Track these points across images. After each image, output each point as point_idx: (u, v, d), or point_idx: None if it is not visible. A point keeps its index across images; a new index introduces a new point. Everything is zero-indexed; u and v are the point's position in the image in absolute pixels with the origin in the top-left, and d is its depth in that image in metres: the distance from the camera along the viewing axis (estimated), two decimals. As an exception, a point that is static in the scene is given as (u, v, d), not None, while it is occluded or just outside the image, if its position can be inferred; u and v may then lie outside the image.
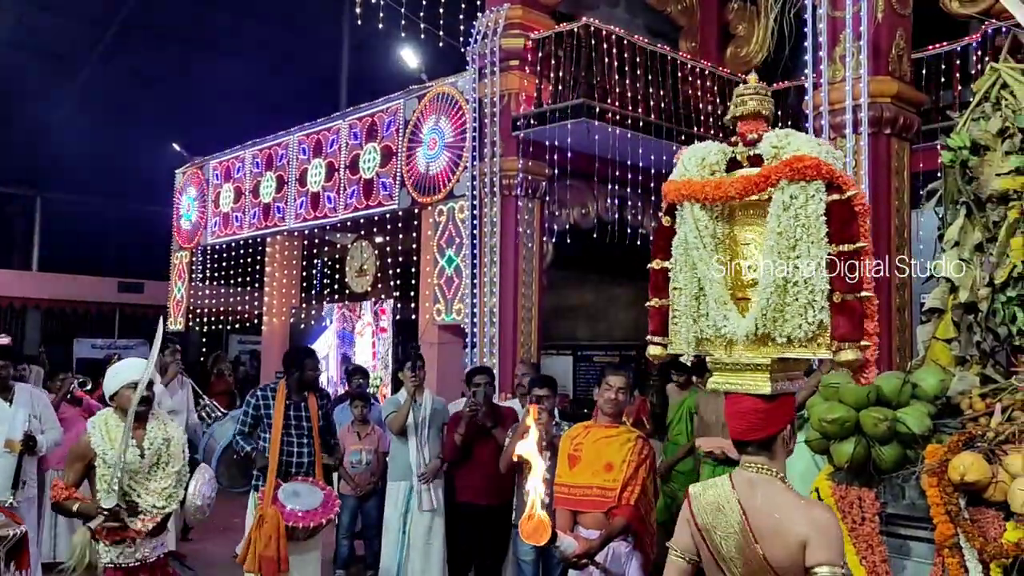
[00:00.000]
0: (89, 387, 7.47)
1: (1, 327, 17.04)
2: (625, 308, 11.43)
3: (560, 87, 8.28)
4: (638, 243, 9.39)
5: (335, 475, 6.48)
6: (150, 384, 3.74)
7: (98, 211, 18.66)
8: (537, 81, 8.46)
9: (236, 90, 16.31)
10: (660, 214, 2.48)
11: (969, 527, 3.02)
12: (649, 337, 2.46)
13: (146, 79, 17.69)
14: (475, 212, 8.63)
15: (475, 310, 8.57)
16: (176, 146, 14.40)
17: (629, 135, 8.20)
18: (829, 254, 2.12)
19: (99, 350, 16.15)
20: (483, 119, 8.60)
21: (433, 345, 8.98)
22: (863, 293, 2.13)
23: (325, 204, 10.82)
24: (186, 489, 3.82)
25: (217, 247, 13.31)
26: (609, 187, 8.77)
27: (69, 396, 7.00)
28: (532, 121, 8.28)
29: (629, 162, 8.51)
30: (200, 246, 13.68)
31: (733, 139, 2.36)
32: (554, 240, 8.96)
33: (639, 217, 9.64)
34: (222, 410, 10.02)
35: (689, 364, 2.51)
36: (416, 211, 9.53)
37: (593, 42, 8.12)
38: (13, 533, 4.63)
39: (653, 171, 8.70)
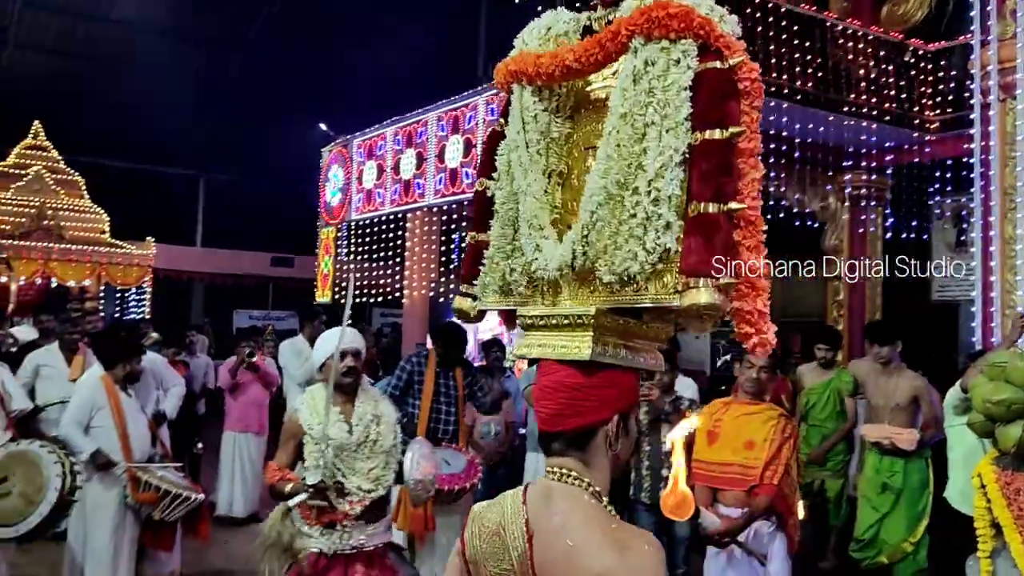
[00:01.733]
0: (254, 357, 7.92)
1: (169, 299, 18.46)
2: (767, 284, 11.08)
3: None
4: (781, 216, 9.05)
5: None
6: (358, 354, 3.51)
7: (254, 190, 19.81)
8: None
9: (378, 69, 16.83)
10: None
11: None
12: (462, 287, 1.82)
13: (293, 64, 18.54)
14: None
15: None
16: (322, 126, 15.03)
17: (773, 103, 7.87)
18: (691, 145, 1.46)
19: (256, 320, 17.21)
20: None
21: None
22: (732, 205, 1.45)
23: (463, 180, 11.03)
24: (401, 465, 3.50)
25: (361, 223, 13.84)
26: (751, 158, 8.47)
27: (246, 363, 7.51)
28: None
29: (772, 132, 8.19)
30: (345, 222, 14.26)
31: (593, 2, 1.72)
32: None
33: (783, 190, 9.27)
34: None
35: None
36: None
37: (730, 5, 7.82)
38: (193, 498, 5.00)
39: (798, 141, 8.35)
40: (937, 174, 8.66)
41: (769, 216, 8.85)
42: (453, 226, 13.10)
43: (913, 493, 5.30)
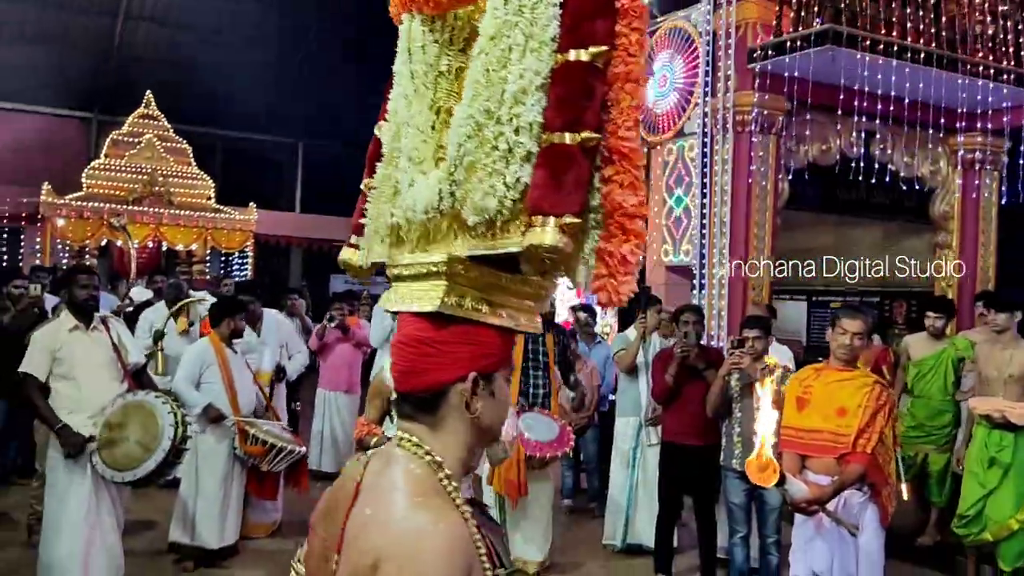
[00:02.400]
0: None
1: (269, 263, 19.13)
2: (868, 251, 10.65)
3: (803, 13, 7.74)
4: (886, 180, 8.68)
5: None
6: None
7: (350, 156, 20.20)
8: (777, 8, 7.96)
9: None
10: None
11: None
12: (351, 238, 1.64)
13: (391, 31, 18.71)
14: (706, 150, 8.37)
15: (704, 251, 8.38)
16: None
17: (880, 61, 7.53)
18: (553, 68, 1.28)
19: (351, 284, 17.68)
20: (717, 52, 8.27)
21: (659, 287, 8.92)
22: (585, 134, 1.25)
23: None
24: None
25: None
26: (855, 120, 8.14)
27: (332, 325, 7.78)
28: (770, 52, 7.83)
29: (880, 92, 7.84)
30: (438, 188, 14.43)
31: None
32: (790, 178, 8.50)
33: (889, 152, 8.88)
34: None
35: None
36: (645, 151, 9.41)
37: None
38: (296, 451, 5.26)
39: (907, 101, 7.97)
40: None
41: (874, 180, 8.56)
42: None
43: (1023, 469, 5.07)
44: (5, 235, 15.67)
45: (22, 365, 4.40)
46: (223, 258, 17.48)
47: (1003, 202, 9.12)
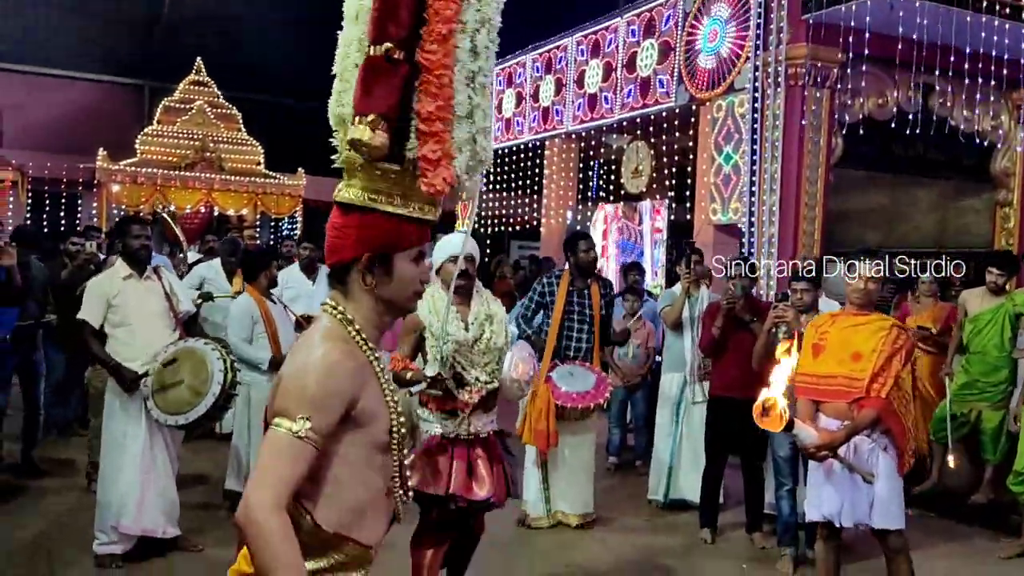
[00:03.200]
0: None
1: (318, 228, 19.29)
2: (926, 211, 10.39)
3: None
4: (946, 134, 8.39)
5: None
6: (472, 259, 3.73)
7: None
8: (832, -44, 7.70)
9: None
10: None
11: None
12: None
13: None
14: (756, 105, 8.18)
15: (753, 209, 8.22)
16: (463, 56, 15.08)
17: (941, 10, 7.25)
18: None
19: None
20: (769, 3, 8.04)
21: (708, 246, 8.80)
22: (387, 45, 1.57)
23: (602, 105, 10.85)
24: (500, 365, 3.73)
25: (500, 152, 13.92)
26: (913, 72, 7.86)
27: None
28: (825, 1, 7.59)
29: (940, 43, 7.55)
30: (484, 151, 14.38)
31: None
32: (844, 134, 8.27)
33: (949, 106, 8.57)
34: None
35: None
36: (694, 108, 9.24)
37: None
38: None
39: (969, 51, 7.67)
40: None
41: (932, 136, 8.29)
42: (591, 153, 12.96)
43: None
44: (63, 201, 16.08)
45: (79, 313, 4.53)
46: (272, 223, 17.71)
47: (1069, 157, 8.77)
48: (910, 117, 8.22)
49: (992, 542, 5.56)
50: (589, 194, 13.46)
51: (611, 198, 12.39)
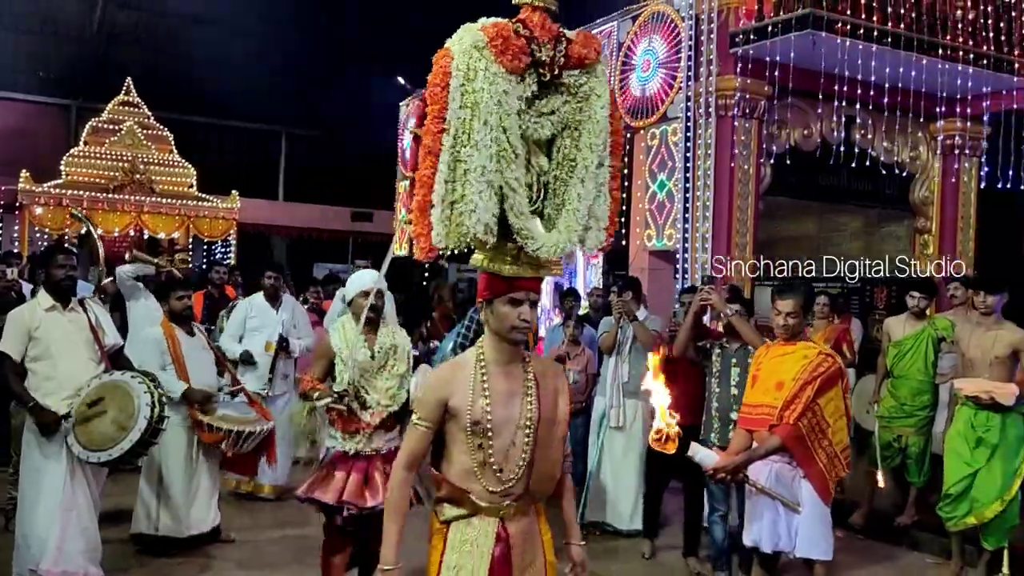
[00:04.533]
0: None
1: (253, 252, 19.01)
2: (850, 238, 10.72)
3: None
4: (867, 165, 8.72)
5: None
6: (380, 294, 4.07)
7: (335, 144, 20.12)
8: (759, -8, 7.97)
9: (455, 23, 16.72)
10: None
11: None
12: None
13: (372, 17, 18.64)
14: (689, 135, 8.38)
15: (687, 236, 8.40)
16: (400, 79, 15.11)
17: (861, 47, 7.55)
18: None
19: (335, 272, 17.61)
20: (699, 36, 8.27)
21: (644, 271, 8.94)
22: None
23: (538, 132, 10.96)
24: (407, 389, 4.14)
25: (437, 176, 13.91)
26: (836, 105, 8.16)
27: (311, 306, 7.80)
28: (752, 36, 7.84)
29: (860, 77, 7.86)
30: (422, 176, 14.37)
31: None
32: (772, 163, 8.53)
33: (870, 137, 8.92)
34: None
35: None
36: (628, 136, 9.41)
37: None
38: (261, 429, 5.16)
39: (888, 86, 8.00)
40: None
41: (854, 165, 8.60)
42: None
43: (1009, 449, 5.07)
44: (-17, 223, 15.50)
45: (-1, 345, 4.35)
46: (205, 247, 17.36)
47: (982, 187, 9.18)
48: (834, 148, 8.52)
49: (919, 562, 5.73)
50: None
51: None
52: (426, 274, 17.03)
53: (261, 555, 5.39)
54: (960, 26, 8.07)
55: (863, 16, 7.60)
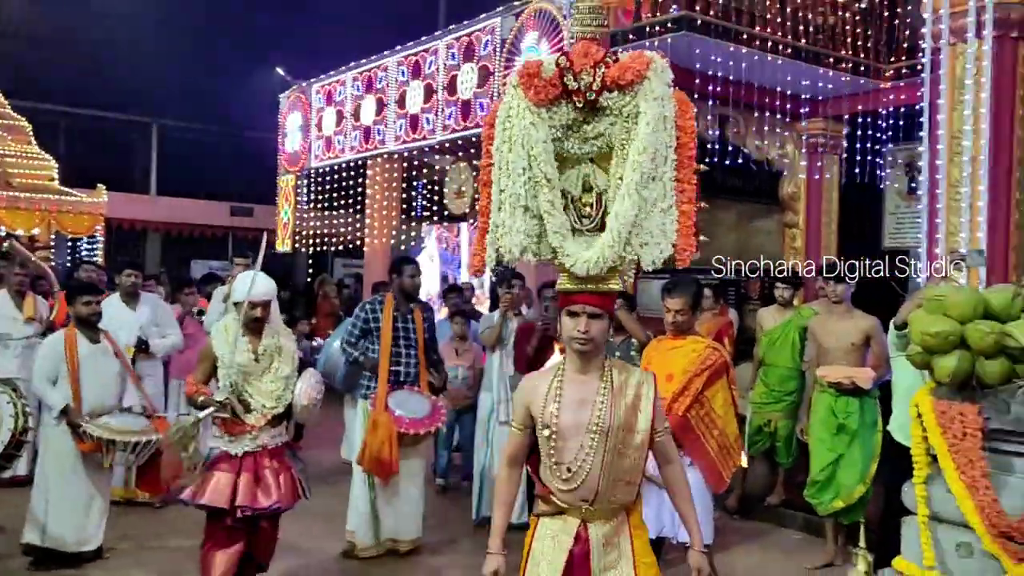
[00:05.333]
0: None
1: (123, 249, 18.12)
2: (726, 232, 11.20)
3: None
4: (739, 162, 9.13)
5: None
6: (267, 305, 4.06)
7: (210, 137, 19.39)
8: (637, -6, 8.19)
9: (337, 13, 16.44)
10: None
11: (1078, 443, 2.91)
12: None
13: (251, 6, 18.06)
14: (572, 131, 8.52)
15: (571, 231, 8.55)
16: (280, 70, 14.71)
17: (732, 49, 7.89)
18: None
19: (214, 270, 17.02)
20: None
21: (529, 267, 9.05)
22: None
23: (424, 126, 10.92)
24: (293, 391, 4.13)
25: (321, 171, 13.66)
26: (710, 104, 8.50)
27: (192, 312, 7.47)
28: (630, 36, 8.05)
29: (732, 77, 8.21)
30: (305, 170, 14.07)
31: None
32: (652, 160, 8.78)
33: (742, 135, 9.33)
34: None
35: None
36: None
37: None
38: (148, 440, 4.78)
39: (757, 86, 8.39)
40: (890, 122, 8.79)
41: (728, 162, 8.96)
42: (414, 173, 12.99)
43: (867, 432, 5.35)
44: None
45: None
46: (70, 244, 16.40)
47: (843, 183, 9.77)
48: (708, 146, 8.87)
49: (787, 538, 6.08)
50: (413, 214, 13.48)
51: (435, 218, 12.47)
52: (310, 271, 16.67)
53: (141, 565, 5.18)
54: (821, 31, 8.55)
55: (733, 20, 7.94)
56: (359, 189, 13.09)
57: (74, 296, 5.10)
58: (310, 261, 16.80)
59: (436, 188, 12.45)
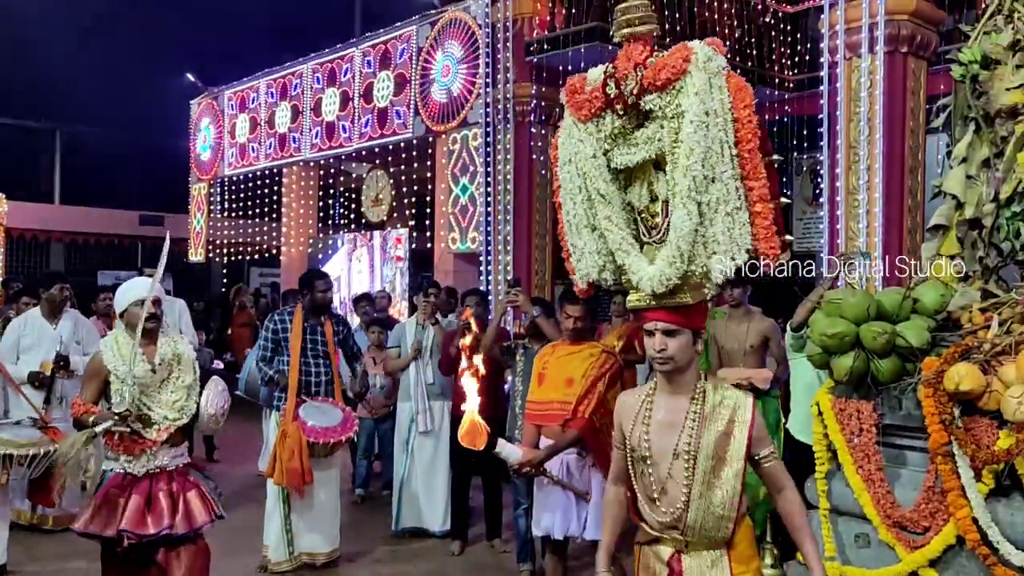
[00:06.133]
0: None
1: (25, 259, 17.34)
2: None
3: (573, 10, 8.14)
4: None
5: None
6: (157, 301, 3.81)
7: (117, 144, 18.74)
8: (550, 4, 8.32)
9: (249, 18, 16.13)
10: None
11: (963, 435, 3.08)
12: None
13: (160, 10, 17.56)
14: (489, 140, 8.60)
15: (489, 239, 8.62)
16: (190, 76, 14.34)
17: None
18: None
19: (119, 280, 16.42)
20: (496, 44, 8.51)
21: (448, 273, 9.07)
22: None
23: (340, 134, 10.82)
24: (199, 401, 3.90)
25: (235, 179, 13.38)
26: (623, 113, 8.69)
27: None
28: (546, 46, 8.18)
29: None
30: (218, 178, 13.75)
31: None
32: (568, 168, 8.91)
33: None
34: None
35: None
36: (430, 140, 9.51)
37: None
38: (44, 452, 4.56)
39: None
40: (795, 130, 9.14)
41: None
42: (331, 180, 12.84)
43: (768, 432, 5.54)
44: None
45: None
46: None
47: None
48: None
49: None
50: (330, 222, 13.32)
51: (352, 226, 12.35)
52: (225, 280, 16.27)
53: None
54: (727, 43, 8.84)
55: (645, 31, 8.14)
56: (275, 197, 12.87)
57: None
58: (225, 271, 16.40)
59: (353, 196, 12.33)
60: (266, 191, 12.89)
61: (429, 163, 9.69)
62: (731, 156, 2.28)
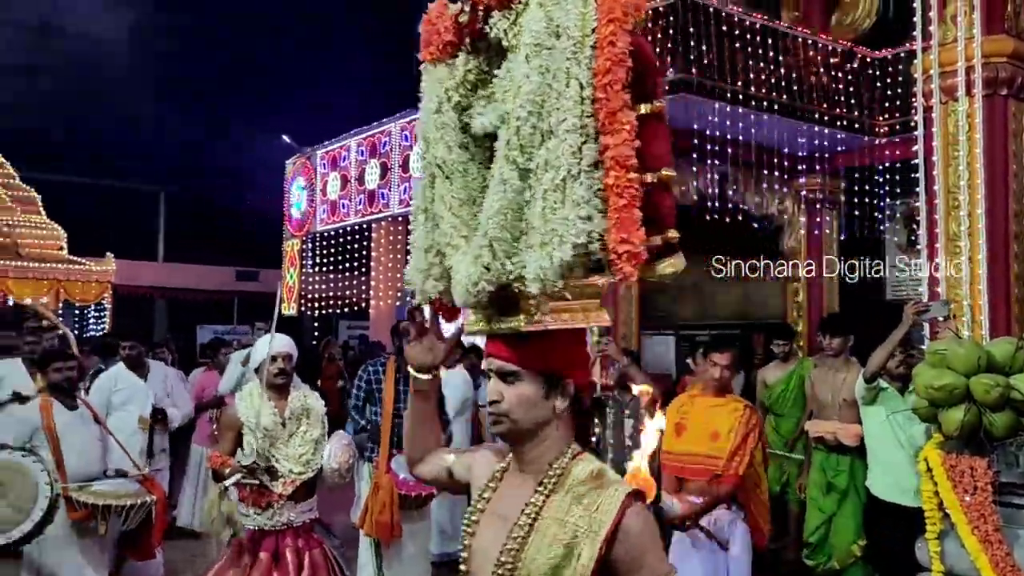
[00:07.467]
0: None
1: (131, 315, 18.22)
2: (728, 287, 11.27)
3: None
4: (739, 218, 9.25)
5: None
6: (288, 357, 3.96)
7: (217, 203, 19.67)
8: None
9: (341, 80, 16.83)
10: None
11: (1089, 495, 2.92)
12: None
13: (255, 75, 18.51)
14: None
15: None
16: (286, 138, 15.01)
17: (729, 109, 8.07)
18: None
19: (218, 335, 17.06)
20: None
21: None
22: None
23: (427, 189, 11.10)
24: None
25: (326, 234, 13.83)
26: (709, 163, 8.66)
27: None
28: (630, 98, 8.23)
29: (729, 136, 8.39)
30: (310, 234, 14.24)
31: None
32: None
33: (741, 192, 9.48)
34: None
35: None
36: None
37: (689, 15, 8.01)
38: (142, 502, 4.53)
39: (755, 144, 8.56)
40: (887, 177, 8.93)
41: (728, 219, 9.09)
42: (418, 235, 13.13)
43: (860, 492, 5.10)
44: None
45: None
46: (77, 312, 16.52)
47: (842, 238, 9.87)
48: (708, 204, 9.00)
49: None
50: (417, 275, 13.59)
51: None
52: (315, 334, 16.74)
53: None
54: (815, 91, 8.75)
55: (729, 81, 8.14)
56: (364, 252, 13.23)
57: (46, 363, 4.99)
58: (315, 324, 16.88)
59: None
60: (355, 246, 13.28)
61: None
62: (579, 98, 1.52)
